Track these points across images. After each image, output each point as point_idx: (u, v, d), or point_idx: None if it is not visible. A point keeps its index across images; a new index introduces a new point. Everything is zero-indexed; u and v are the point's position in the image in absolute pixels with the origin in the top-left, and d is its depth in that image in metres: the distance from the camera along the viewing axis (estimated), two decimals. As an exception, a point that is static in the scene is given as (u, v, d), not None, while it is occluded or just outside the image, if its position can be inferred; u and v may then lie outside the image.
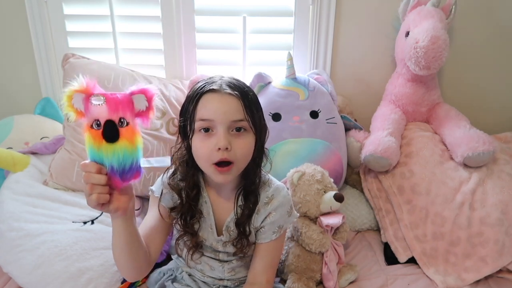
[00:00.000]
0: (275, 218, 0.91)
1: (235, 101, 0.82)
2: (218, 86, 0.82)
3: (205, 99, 0.82)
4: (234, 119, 0.81)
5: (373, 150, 1.30)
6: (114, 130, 0.64)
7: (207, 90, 0.82)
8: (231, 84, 0.84)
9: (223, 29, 1.55)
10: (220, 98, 0.81)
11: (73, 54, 1.43)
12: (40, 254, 1.04)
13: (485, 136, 1.32)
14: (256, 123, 0.85)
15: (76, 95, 0.64)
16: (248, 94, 0.85)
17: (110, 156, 0.65)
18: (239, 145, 0.82)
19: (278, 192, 0.92)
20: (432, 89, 1.48)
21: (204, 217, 0.92)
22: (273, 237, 0.91)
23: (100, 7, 1.52)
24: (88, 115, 0.64)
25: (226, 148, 0.80)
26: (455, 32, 1.54)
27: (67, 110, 0.65)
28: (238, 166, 0.84)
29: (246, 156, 0.85)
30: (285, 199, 0.93)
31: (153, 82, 1.44)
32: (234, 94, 0.82)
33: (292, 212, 0.94)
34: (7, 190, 1.20)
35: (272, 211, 0.91)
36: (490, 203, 1.23)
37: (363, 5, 1.53)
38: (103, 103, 0.63)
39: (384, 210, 1.33)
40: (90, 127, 0.64)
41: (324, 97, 1.42)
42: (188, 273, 1.02)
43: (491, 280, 1.17)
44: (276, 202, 0.91)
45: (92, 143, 0.65)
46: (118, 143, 0.64)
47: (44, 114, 1.56)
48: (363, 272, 1.19)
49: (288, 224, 0.94)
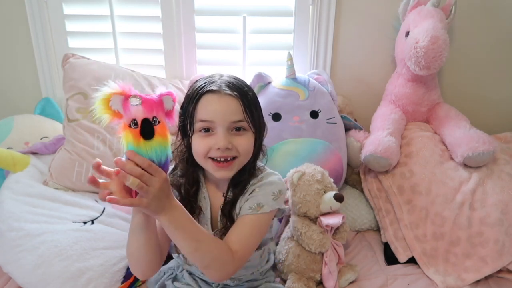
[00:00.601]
0: (257, 193, 0.88)
1: (235, 101, 0.83)
2: (218, 86, 0.83)
3: (204, 99, 0.83)
4: (233, 120, 0.82)
5: (373, 150, 1.30)
6: (151, 128, 0.69)
7: (206, 91, 0.83)
8: (230, 84, 0.84)
9: (223, 29, 1.55)
10: (220, 99, 0.82)
11: (73, 54, 1.43)
12: (40, 254, 1.04)
13: (485, 136, 1.32)
14: (255, 122, 0.86)
15: (114, 97, 0.68)
16: (248, 93, 0.85)
17: (150, 151, 0.69)
18: (240, 142, 0.84)
19: (269, 175, 0.92)
20: (432, 89, 1.48)
21: (203, 213, 0.93)
22: (248, 212, 0.86)
23: (100, 7, 1.52)
24: (127, 115, 0.69)
25: (227, 148, 0.82)
26: (455, 32, 1.54)
27: (102, 112, 0.69)
28: (240, 161, 0.85)
29: (247, 153, 0.86)
30: (274, 181, 0.90)
31: (153, 82, 1.44)
32: (233, 95, 0.82)
33: (279, 199, 0.89)
34: (7, 190, 1.20)
35: (256, 188, 0.89)
36: (490, 203, 1.23)
37: (363, 5, 1.53)
38: (139, 103, 0.68)
39: (384, 210, 1.33)
40: (129, 127, 0.69)
41: (324, 97, 1.42)
42: (189, 271, 1.02)
43: (491, 280, 1.17)
44: (264, 181, 0.90)
45: (132, 141, 0.68)
46: (154, 140, 0.69)
47: (44, 114, 1.56)
48: (363, 272, 1.19)
49: (269, 208, 0.87)
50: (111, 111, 0.69)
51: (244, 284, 1.02)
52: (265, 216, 0.88)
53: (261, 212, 0.86)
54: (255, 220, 0.87)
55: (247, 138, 0.85)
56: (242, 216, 0.87)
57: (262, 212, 0.86)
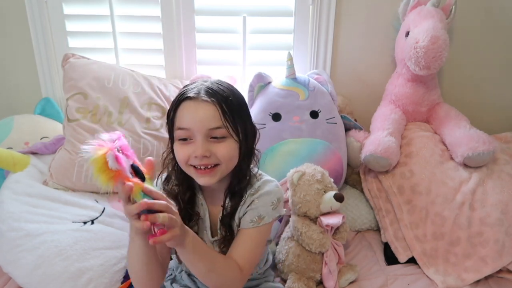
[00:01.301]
0: (256, 205, 0.87)
1: (212, 108, 0.81)
2: (196, 93, 0.81)
3: (182, 106, 0.82)
4: (210, 127, 0.81)
5: (373, 150, 1.30)
6: (139, 170, 0.70)
7: (184, 98, 0.82)
8: (209, 90, 0.82)
9: (223, 29, 1.55)
10: (197, 106, 0.81)
11: (73, 54, 1.43)
12: (40, 254, 1.04)
13: (485, 136, 1.32)
14: (237, 128, 0.83)
15: (110, 157, 0.64)
16: (228, 99, 0.82)
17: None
18: (219, 150, 0.82)
19: (265, 184, 0.91)
20: (432, 89, 1.48)
21: (202, 219, 0.93)
22: (250, 225, 0.86)
23: (100, 7, 1.51)
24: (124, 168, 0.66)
25: (205, 156, 0.80)
26: (455, 32, 1.54)
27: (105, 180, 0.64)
28: (222, 168, 0.84)
29: (229, 161, 0.84)
30: (272, 190, 0.90)
31: (153, 82, 1.44)
32: (210, 101, 0.80)
33: (278, 207, 0.89)
34: (7, 190, 1.20)
35: (255, 199, 0.88)
36: (490, 203, 1.23)
37: (363, 5, 1.53)
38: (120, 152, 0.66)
39: (384, 210, 1.33)
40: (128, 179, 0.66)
41: (324, 97, 1.42)
42: (188, 272, 1.02)
43: (491, 280, 1.17)
44: (261, 191, 0.89)
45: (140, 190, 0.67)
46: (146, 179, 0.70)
47: (44, 114, 1.56)
48: (363, 272, 1.19)
49: (269, 218, 0.87)
50: (112, 172, 0.64)
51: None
52: (266, 226, 0.89)
53: (262, 224, 0.87)
54: (257, 233, 0.88)
55: (228, 145, 0.83)
56: (243, 230, 0.88)
57: (264, 224, 0.87)
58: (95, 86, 1.35)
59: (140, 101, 1.37)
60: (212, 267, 0.80)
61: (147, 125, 1.35)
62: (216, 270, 0.81)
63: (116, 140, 0.68)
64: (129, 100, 1.35)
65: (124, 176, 0.65)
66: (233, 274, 0.83)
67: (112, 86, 1.36)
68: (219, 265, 0.82)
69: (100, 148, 0.64)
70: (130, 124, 1.33)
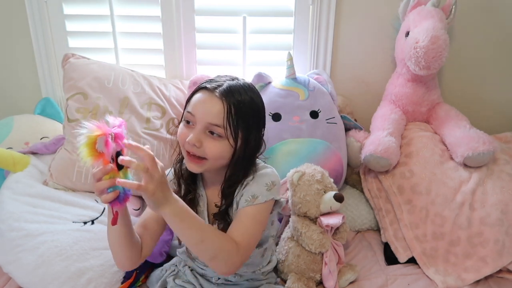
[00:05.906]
0: (251, 186, 0.89)
1: (220, 106, 0.84)
2: (214, 87, 0.85)
3: (198, 94, 0.87)
4: (210, 122, 0.84)
5: (373, 150, 1.30)
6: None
7: (204, 87, 0.87)
8: (227, 88, 0.85)
9: (223, 29, 1.55)
10: (207, 98, 0.85)
11: (73, 54, 1.43)
12: (40, 254, 1.04)
13: (485, 136, 1.32)
14: (237, 133, 0.85)
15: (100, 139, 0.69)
16: (240, 103, 0.85)
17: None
18: (209, 146, 0.85)
19: (261, 168, 0.93)
20: (432, 89, 1.48)
21: (202, 209, 0.95)
22: (244, 204, 0.87)
23: (100, 7, 1.51)
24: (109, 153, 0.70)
25: (195, 145, 0.83)
26: (455, 32, 1.54)
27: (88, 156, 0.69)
28: (209, 163, 0.86)
29: (215, 159, 0.86)
30: (267, 173, 0.92)
31: (153, 82, 1.44)
32: (221, 99, 0.84)
33: (272, 189, 0.90)
34: (7, 190, 1.20)
35: (250, 181, 0.90)
36: (490, 203, 1.23)
37: (363, 5, 1.53)
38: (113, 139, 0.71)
39: (384, 210, 1.33)
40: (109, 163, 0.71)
41: (324, 97, 1.42)
42: (191, 268, 1.03)
43: (491, 280, 1.17)
44: (256, 173, 0.91)
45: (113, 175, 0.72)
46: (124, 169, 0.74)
47: (44, 114, 1.56)
48: (363, 272, 1.19)
49: (263, 198, 0.88)
50: (97, 153, 0.69)
51: (244, 282, 1.02)
52: (262, 206, 0.89)
53: (257, 203, 0.88)
54: (252, 211, 0.88)
55: (220, 145, 0.85)
56: (240, 209, 0.89)
57: (258, 203, 0.88)
58: (95, 86, 1.35)
59: (140, 101, 1.37)
60: (204, 236, 0.80)
61: (147, 125, 1.35)
62: (208, 240, 0.80)
63: (116, 127, 0.72)
64: (129, 100, 1.35)
65: (105, 160, 0.70)
66: (228, 247, 0.82)
67: (112, 86, 1.36)
68: (211, 235, 0.81)
69: (97, 130, 0.69)
70: (130, 124, 1.33)
